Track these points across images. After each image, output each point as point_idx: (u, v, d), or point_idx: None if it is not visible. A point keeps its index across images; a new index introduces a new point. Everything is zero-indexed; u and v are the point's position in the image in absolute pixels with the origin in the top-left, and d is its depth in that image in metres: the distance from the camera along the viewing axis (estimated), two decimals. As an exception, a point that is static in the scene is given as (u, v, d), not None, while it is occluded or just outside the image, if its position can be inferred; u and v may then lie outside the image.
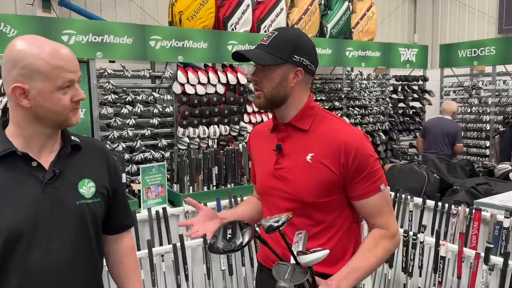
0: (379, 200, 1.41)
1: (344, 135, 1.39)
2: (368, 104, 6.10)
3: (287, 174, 1.43)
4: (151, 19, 5.65)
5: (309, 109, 1.47)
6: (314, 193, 1.39)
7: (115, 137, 4.36)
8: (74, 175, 1.26)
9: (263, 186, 1.53)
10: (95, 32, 4.17)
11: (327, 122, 1.45)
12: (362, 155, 1.38)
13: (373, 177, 1.39)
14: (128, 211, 1.46)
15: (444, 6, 7.84)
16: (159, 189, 2.73)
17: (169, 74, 4.56)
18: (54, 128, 1.23)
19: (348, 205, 1.46)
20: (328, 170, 1.38)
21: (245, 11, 5.04)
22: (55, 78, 1.16)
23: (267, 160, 1.49)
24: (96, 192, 1.28)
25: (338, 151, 1.37)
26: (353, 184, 1.39)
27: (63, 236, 1.21)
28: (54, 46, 1.19)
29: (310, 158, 1.40)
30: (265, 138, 1.55)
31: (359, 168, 1.37)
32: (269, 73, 1.39)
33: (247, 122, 4.96)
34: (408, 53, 6.51)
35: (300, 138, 1.45)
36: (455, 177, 3.36)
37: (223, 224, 1.25)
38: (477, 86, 6.16)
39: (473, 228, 2.50)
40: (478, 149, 6.24)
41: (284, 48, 1.39)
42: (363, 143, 1.40)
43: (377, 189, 1.40)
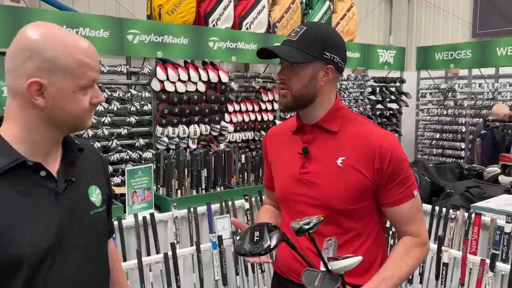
0: (411, 207, 1.33)
1: (378, 138, 1.30)
2: (347, 105, 6.06)
3: (315, 179, 1.34)
4: (127, 12, 5.39)
5: (337, 110, 1.37)
6: (345, 199, 1.30)
7: (89, 136, 4.10)
8: (82, 183, 1.12)
9: (285, 191, 1.42)
10: (69, 24, 3.91)
11: (357, 124, 1.36)
12: (397, 159, 1.30)
13: (407, 182, 1.32)
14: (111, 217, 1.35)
15: (419, 9, 7.93)
16: (146, 193, 2.54)
17: (147, 71, 4.35)
18: (66, 132, 1.08)
19: (377, 211, 1.38)
20: (361, 175, 1.29)
21: (226, 7, 4.88)
22: (80, 76, 1.00)
23: (290, 163, 1.39)
24: (102, 200, 1.17)
25: (372, 155, 1.28)
26: (386, 190, 1.31)
27: (83, 248, 1.09)
28: (79, 39, 1.03)
29: (341, 162, 1.31)
30: (286, 140, 1.45)
31: (394, 173, 1.29)
32: (298, 71, 1.30)
33: (228, 121, 4.81)
34: (386, 55, 6.53)
35: (329, 141, 1.35)
36: (445, 180, 3.33)
37: (251, 226, 1.18)
38: (453, 88, 6.24)
39: (473, 233, 2.45)
40: (454, 151, 6.33)
41: (315, 44, 1.30)
42: (397, 147, 1.32)
43: (410, 195, 1.33)
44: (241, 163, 3.00)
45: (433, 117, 6.63)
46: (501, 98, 5.83)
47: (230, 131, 4.82)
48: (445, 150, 6.48)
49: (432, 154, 6.69)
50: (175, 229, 2.47)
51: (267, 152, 1.54)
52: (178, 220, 2.50)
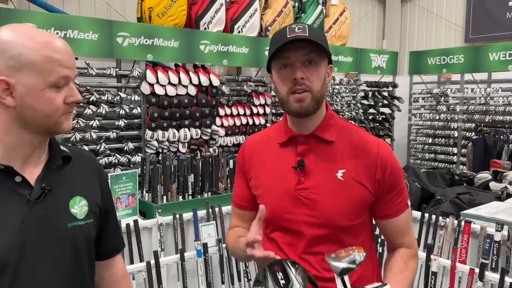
0: (407, 218, 1.31)
1: (377, 148, 1.25)
2: (340, 110, 6.04)
3: (314, 195, 1.23)
4: (118, 14, 5.34)
5: (330, 118, 1.29)
6: (348, 215, 1.22)
7: (77, 140, 4.03)
8: (64, 193, 1.06)
9: (278, 211, 1.27)
10: (57, 26, 3.85)
11: (351, 132, 1.29)
12: (396, 170, 1.26)
13: (402, 193, 1.29)
14: (118, 231, 1.27)
15: (413, 14, 7.94)
16: (130, 199, 2.49)
17: (137, 73, 4.29)
18: (42, 134, 1.03)
19: (370, 223, 1.33)
20: (363, 188, 1.23)
21: (218, 10, 4.84)
22: (48, 72, 0.96)
23: (283, 179, 1.26)
24: (88, 212, 1.09)
25: (373, 166, 1.23)
26: (385, 202, 1.26)
27: (53, 264, 1.01)
28: (49, 36, 1.01)
29: (342, 175, 1.22)
30: (273, 153, 1.31)
31: (393, 183, 1.25)
32: (314, 68, 1.20)
33: (219, 125, 4.76)
34: (379, 59, 6.51)
35: (325, 152, 1.25)
36: (436, 186, 3.31)
37: (268, 266, 1.04)
38: (445, 93, 6.23)
39: (463, 241, 2.41)
40: (446, 156, 6.31)
41: (324, 39, 1.23)
42: (394, 156, 1.29)
43: (406, 205, 1.30)
44: (229, 168, 2.95)
45: (426, 122, 6.62)
46: (493, 103, 5.83)
47: (221, 135, 4.78)
48: (437, 155, 6.46)
49: (425, 159, 6.67)
50: (160, 236, 2.42)
51: (245, 166, 1.37)
52: (163, 227, 2.45)
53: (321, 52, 1.19)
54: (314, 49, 1.18)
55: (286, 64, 1.20)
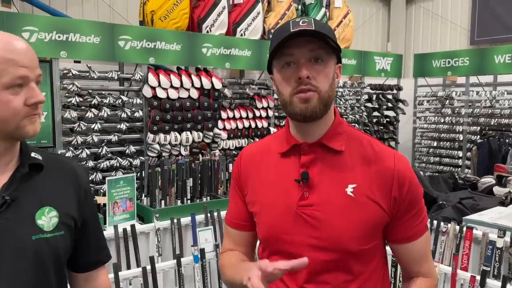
0: (426, 242, 1.15)
1: (393, 160, 1.09)
2: (343, 113, 6.00)
3: (320, 213, 1.06)
4: (121, 18, 5.35)
5: (339, 125, 1.13)
6: (360, 238, 1.06)
7: (78, 143, 4.04)
8: (32, 202, 1.00)
9: (277, 231, 1.11)
10: (59, 29, 3.86)
11: (363, 142, 1.13)
12: (415, 186, 1.10)
13: (422, 212, 1.13)
14: (102, 244, 1.19)
15: (417, 16, 7.89)
16: (128, 203, 2.47)
17: (139, 77, 4.29)
18: (4, 140, 0.97)
19: (384, 248, 1.17)
20: (377, 207, 1.06)
21: (220, 13, 4.83)
22: (1, 73, 0.92)
23: (283, 194, 1.11)
24: (58, 223, 1.02)
25: (389, 182, 1.07)
26: (401, 223, 1.10)
27: (15, 277, 0.95)
28: (6, 37, 0.96)
29: (352, 190, 1.06)
30: (272, 164, 1.16)
31: (412, 202, 1.09)
32: (322, 66, 1.05)
33: (222, 128, 4.75)
34: (383, 62, 6.47)
35: (333, 163, 1.09)
36: (438, 191, 3.26)
37: None
38: (450, 96, 6.17)
39: (464, 248, 2.37)
40: (451, 159, 6.25)
41: (333, 34, 1.08)
42: (411, 169, 1.12)
43: (425, 227, 1.14)
44: (228, 172, 2.93)
45: (431, 125, 6.56)
46: (499, 106, 5.76)
47: (223, 138, 4.76)
48: (442, 158, 6.40)
49: (429, 162, 6.61)
50: (157, 241, 2.40)
51: (241, 179, 1.21)
52: (160, 231, 2.43)
53: (329, 49, 1.05)
54: (322, 45, 1.04)
55: (289, 62, 1.05)
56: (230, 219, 1.25)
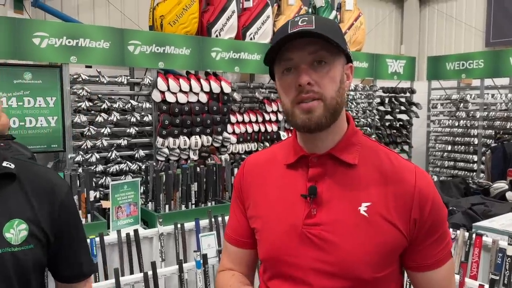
0: (449, 271, 1.01)
1: (414, 177, 0.96)
2: (355, 116, 5.95)
3: (329, 234, 0.95)
4: (132, 23, 5.40)
5: (353, 135, 1.01)
6: (374, 264, 0.93)
7: (88, 147, 4.07)
8: (0, 214, 0.96)
9: (278, 251, 0.99)
10: (69, 35, 3.91)
11: (380, 155, 1.00)
12: (438, 207, 0.97)
13: (445, 237, 1.00)
14: (85, 257, 1.15)
15: (431, 18, 7.78)
16: (132, 208, 2.47)
17: (149, 81, 4.31)
18: None
19: (401, 276, 1.04)
20: (393, 229, 0.94)
21: (230, 17, 4.83)
22: None
23: (287, 211, 0.99)
24: (27, 237, 0.97)
25: (409, 201, 0.94)
26: (421, 249, 0.97)
27: None
28: None
29: (366, 209, 0.94)
30: (277, 176, 1.05)
31: (434, 226, 0.96)
32: (326, 69, 0.94)
33: (231, 132, 4.74)
34: (396, 65, 6.39)
35: (345, 178, 0.97)
36: (449, 196, 3.19)
37: None
38: (465, 99, 6.06)
39: (474, 255, 2.30)
40: (466, 164, 6.13)
41: (337, 32, 0.96)
42: (435, 188, 0.99)
43: (448, 255, 1.00)
44: (234, 177, 2.91)
45: (445, 129, 6.45)
46: (515, 109, 5.63)
47: (232, 142, 4.75)
48: (457, 162, 6.28)
49: (444, 166, 6.49)
50: (160, 246, 2.39)
51: (243, 191, 1.11)
52: (164, 236, 2.42)
53: (334, 48, 0.93)
54: (324, 45, 0.92)
55: (289, 68, 0.95)
56: (229, 235, 1.14)
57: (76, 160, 3.98)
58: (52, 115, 3.96)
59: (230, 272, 1.12)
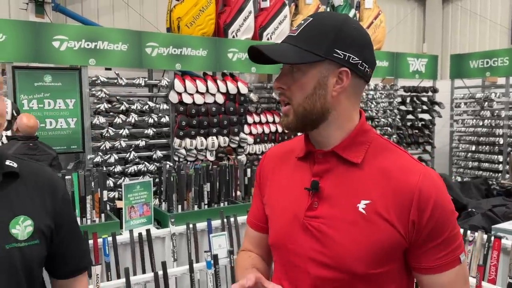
0: (456, 277, 0.97)
1: (418, 178, 0.94)
2: (375, 116, 5.86)
3: (327, 228, 0.97)
4: (150, 25, 5.47)
5: (361, 133, 1.02)
6: (368, 260, 0.95)
7: (107, 148, 4.14)
8: (6, 211, 0.99)
9: (282, 238, 1.05)
10: (88, 38, 3.98)
11: (388, 155, 1.01)
12: (442, 210, 0.94)
13: (453, 243, 0.96)
14: (82, 251, 1.18)
15: (455, 15, 7.60)
16: (145, 208, 2.49)
17: (166, 83, 4.35)
18: None
19: (406, 274, 1.02)
20: (391, 228, 0.94)
21: (246, 18, 4.84)
22: None
23: (293, 201, 1.04)
24: (33, 233, 1.00)
25: (408, 201, 0.93)
26: (422, 251, 0.96)
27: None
28: None
29: (365, 207, 0.96)
30: (290, 167, 1.09)
31: (436, 229, 0.94)
32: (298, 77, 0.96)
33: (248, 133, 4.74)
34: (417, 63, 6.27)
35: (348, 176, 0.99)
36: (469, 197, 3.10)
37: None
38: (489, 98, 5.89)
39: (492, 258, 2.23)
40: (491, 164, 5.96)
41: (321, 39, 0.95)
42: (443, 192, 0.96)
43: (456, 260, 0.96)
44: (247, 177, 2.91)
45: (469, 128, 6.28)
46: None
47: (249, 142, 4.75)
48: (481, 163, 6.11)
49: (468, 167, 6.33)
50: (172, 246, 2.40)
51: (262, 180, 1.17)
52: (176, 236, 2.43)
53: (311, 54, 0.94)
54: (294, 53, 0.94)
55: None
56: (250, 219, 1.22)
57: (96, 160, 4.05)
58: (71, 116, 4.04)
59: (248, 253, 1.20)
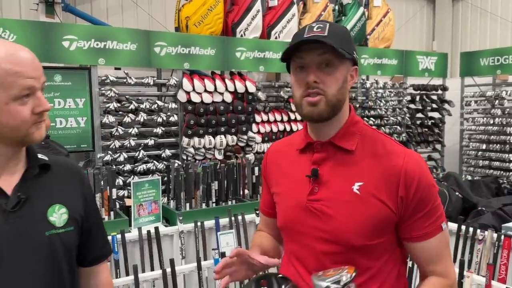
0: (439, 242, 1.15)
1: (403, 160, 1.12)
2: (384, 114, 5.82)
3: (327, 208, 1.14)
4: (159, 25, 5.49)
5: (353, 124, 1.19)
6: (363, 233, 1.11)
7: (116, 147, 4.16)
8: (43, 201, 1.07)
9: (290, 221, 1.22)
10: (97, 37, 4.01)
11: (377, 142, 1.18)
12: (425, 186, 1.11)
13: (435, 213, 1.14)
14: (105, 239, 1.26)
15: (465, 13, 7.52)
16: (153, 206, 2.51)
17: (174, 82, 4.37)
18: (14, 146, 1.04)
19: (397, 246, 1.19)
20: (382, 205, 1.10)
21: (254, 17, 4.83)
22: (10, 86, 0.96)
23: (296, 188, 1.20)
24: (68, 220, 1.09)
25: (396, 181, 1.10)
26: (411, 223, 1.13)
27: (30, 273, 1.01)
28: (11, 48, 1.00)
29: (358, 188, 1.12)
30: (292, 160, 1.25)
31: (421, 202, 1.11)
32: (331, 71, 1.12)
33: (256, 132, 4.74)
34: (427, 61, 6.22)
35: (343, 162, 1.16)
36: (479, 196, 3.07)
37: (254, 279, 1.04)
38: (500, 96, 5.82)
39: (502, 257, 2.21)
40: (501, 163, 5.89)
41: (347, 40, 1.14)
42: (425, 170, 1.14)
43: (438, 228, 1.14)
44: (255, 175, 2.91)
45: (479, 127, 6.21)
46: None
47: (257, 141, 4.75)
48: (492, 162, 6.04)
49: (478, 166, 6.26)
50: (181, 244, 2.41)
51: (267, 172, 1.35)
52: (184, 234, 2.44)
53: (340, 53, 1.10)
54: (332, 50, 1.10)
55: (302, 66, 1.14)
56: (261, 207, 1.43)
57: (105, 159, 4.08)
58: (81, 116, 4.07)
59: (260, 233, 1.42)
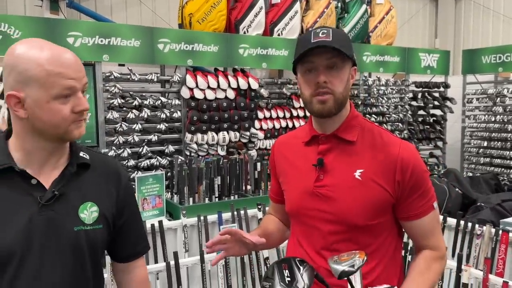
0: (432, 220, 1.31)
1: (398, 149, 1.27)
2: (386, 111, 5.85)
3: (331, 193, 1.29)
4: (163, 21, 5.53)
5: (353, 118, 1.34)
6: (365, 214, 1.26)
7: (120, 143, 4.21)
8: (76, 198, 1.13)
9: (298, 206, 1.36)
10: (101, 34, 4.05)
11: (374, 134, 1.32)
12: (418, 171, 1.27)
13: (427, 194, 1.30)
14: (142, 236, 1.31)
15: (467, 10, 7.53)
16: (157, 200, 2.55)
17: (178, 78, 4.41)
18: (55, 142, 1.10)
19: (395, 225, 1.34)
20: (381, 189, 1.25)
21: (257, 13, 4.86)
22: (51, 85, 1.03)
23: (304, 176, 1.34)
24: (98, 218, 1.15)
25: (393, 167, 1.25)
26: (407, 204, 1.28)
27: (56, 262, 1.09)
28: (56, 50, 1.06)
29: (360, 174, 1.26)
30: (298, 151, 1.39)
31: (415, 185, 1.27)
32: (337, 72, 1.27)
33: (258, 128, 4.77)
34: (429, 59, 6.24)
35: (345, 152, 1.31)
36: (479, 192, 3.11)
37: (277, 263, 1.12)
38: (502, 93, 5.84)
39: (500, 252, 2.25)
40: (503, 160, 5.92)
41: (348, 44, 1.29)
42: (418, 158, 1.30)
43: (431, 207, 1.30)
44: (257, 171, 2.95)
45: (481, 124, 6.24)
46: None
47: (260, 138, 4.78)
48: (493, 159, 6.07)
49: (479, 163, 6.29)
50: (184, 237, 2.46)
51: (275, 163, 1.49)
52: (187, 228, 2.49)
53: (344, 56, 1.25)
54: (337, 54, 1.24)
55: (310, 69, 1.27)
56: (270, 194, 1.57)
57: (109, 155, 4.12)
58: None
59: (269, 216, 1.57)
